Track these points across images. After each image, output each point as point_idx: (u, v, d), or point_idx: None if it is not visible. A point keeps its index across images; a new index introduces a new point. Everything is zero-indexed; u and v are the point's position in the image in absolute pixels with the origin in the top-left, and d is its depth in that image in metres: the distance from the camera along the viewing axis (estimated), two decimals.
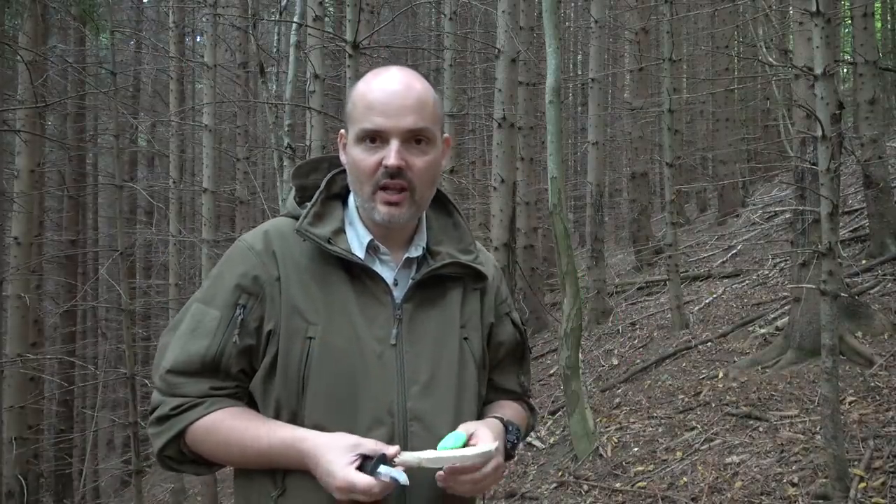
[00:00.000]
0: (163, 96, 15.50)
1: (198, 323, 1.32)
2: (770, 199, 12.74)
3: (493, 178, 8.42)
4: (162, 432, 1.30)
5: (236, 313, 1.30)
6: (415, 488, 1.23)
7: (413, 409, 1.29)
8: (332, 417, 1.26)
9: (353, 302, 1.31)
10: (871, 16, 7.21)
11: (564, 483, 5.17)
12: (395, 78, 1.33)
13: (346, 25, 4.67)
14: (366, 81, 1.36)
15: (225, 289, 1.32)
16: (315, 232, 1.31)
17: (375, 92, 1.32)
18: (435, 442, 1.26)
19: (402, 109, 1.30)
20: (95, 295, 14.42)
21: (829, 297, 3.55)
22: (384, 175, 1.30)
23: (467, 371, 1.37)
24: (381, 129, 1.29)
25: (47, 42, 10.14)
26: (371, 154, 1.31)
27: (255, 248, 1.34)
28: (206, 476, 8.37)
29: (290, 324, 1.29)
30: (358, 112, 1.32)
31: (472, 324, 1.40)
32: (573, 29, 19.86)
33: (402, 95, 1.31)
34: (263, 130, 13.66)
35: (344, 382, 1.27)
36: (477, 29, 14.01)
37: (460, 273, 1.40)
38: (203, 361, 1.29)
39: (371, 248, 1.35)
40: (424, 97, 1.33)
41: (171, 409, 1.30)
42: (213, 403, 1.30)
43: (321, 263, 1.33)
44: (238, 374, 1.32)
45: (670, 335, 7.81)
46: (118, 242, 7.77)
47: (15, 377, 7.58)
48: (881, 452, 3.96)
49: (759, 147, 14.84)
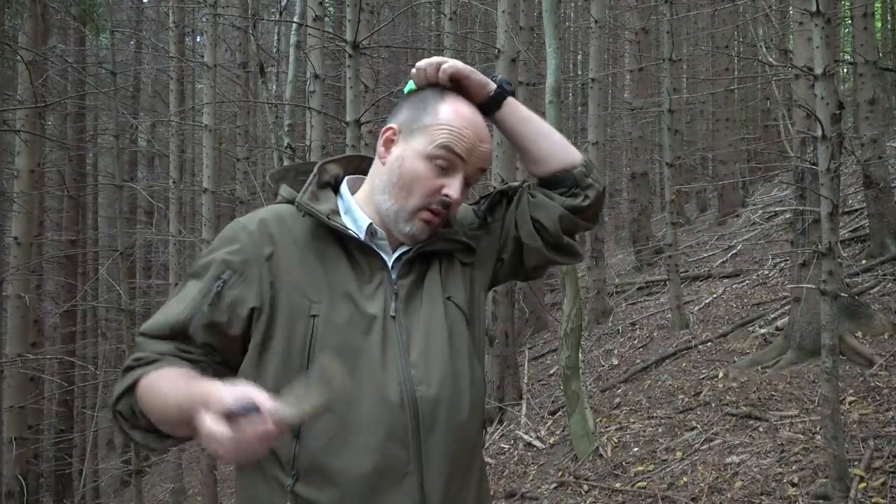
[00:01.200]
0: (163, 96, 15.50)
1: (183, 293, 1.35)
2: (770, 199, 12.74)
3: (493, 178, 8.42)
4: (120, 383, 1.32)
5: (214, 286, 1.31)
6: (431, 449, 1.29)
7: (416, 374, 1.32)
8: None
9: (351, 279, 1.34)
10: (871, 16, 7.21)
11: (564, 483, 5.17)
12: (479, 121, 1.41)
13: (346, 25, 4.67)
14: (454, 103, 1.40)
15: (212, 262, 1.34)
16: (315, 207, 1.35)
17: (468, 127, 1.38)
18: (441, 400, 1.32)
19: (480, 154, 1.39)
20: (95, 295, 14.42)
21: (829, 297, 3.55)
22: (439, 203, 1.36)
23: (457, 329, 1.41)
24: (462, 159, 1.37)
25: (47, 42, 10.14)
26: (437, 176, 1.36)
27: (249, 227, 1.36)
28: (207, 476, 8.37)
29: (292, 302, 1.30)
30: (442, 130, 1.37)
31: (451, 281, 1.45)
32: (573, 29, 19.85)
33: (484, 141, 1.40)
34: (263, 130, 13.66)
35: (349, 358, 1.28)
36: (477, 29, 14.00)
37: (450, 248, 1.45)
38: (172, 326, 1.32)
39: (369, 233, 1.39)
40: (491, 148, 1.43)
41: (133, 359, 1.32)
42: (171, 361, 1.30)
43: (319, 241, 1.36)
44: (203, 345, 1.32)
45: (670, 335, 7.81)
46: (118, 242, 7.79)
47: (15, 377, 7.57)
48: (881, 452, 3.96)
49: (759, 147, 14.84)
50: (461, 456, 1.35)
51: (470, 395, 1.37)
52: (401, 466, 1.28)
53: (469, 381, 1.38)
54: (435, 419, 1.31)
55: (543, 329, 10.96)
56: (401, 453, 1.28)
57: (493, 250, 1.51)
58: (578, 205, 1.47)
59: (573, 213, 1.47)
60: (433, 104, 1.40)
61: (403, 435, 1.28)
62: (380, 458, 1.26)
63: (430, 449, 1.30)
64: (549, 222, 1.47)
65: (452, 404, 1.34)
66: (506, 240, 1.51)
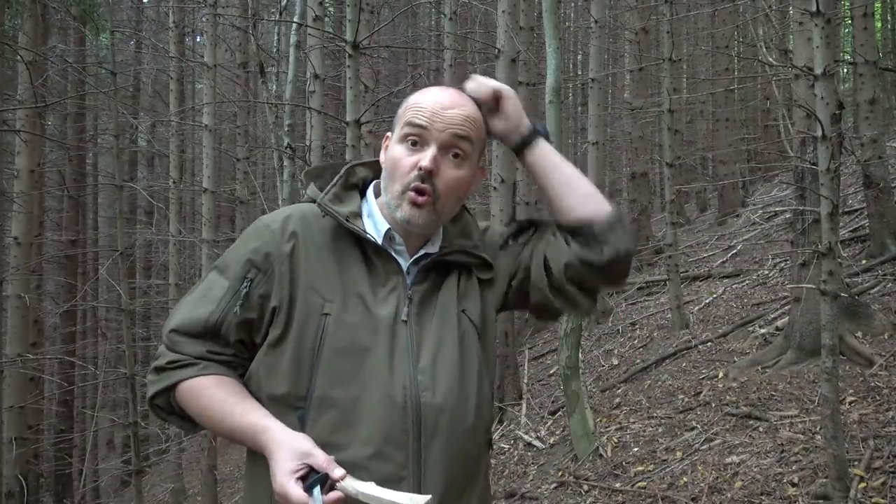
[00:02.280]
0: (163, 96, 15.50)
1: (209, 289, 1.39)
2: (770, 199, 12.74)
3: (493, 178, 8.42)
4: (156, 381, 1.38)
5: (242, 286, 1.36)
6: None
7: (422, 380, 1.33)
8: (341, 392, 1.29)
9: (365, 281, 1.37)
10: (871, 16, 7.21)
11: (564, 483, 5.17)
12: (447, 91, 1.42)
13: (346, 25, 4.67)
14: (421, 91, 1.44)
15: (237, 261, 1.38)
16: (335, 208, 1.37)
17: (428, 99, 1.40)
18: (445, 408, 1.32)
19: (448, 119, 1.37)
20: (95, 295, 14.42)
21: (829, 297, 3.54)
22: (417, 177, 1.36)
23: (468, 342, 1.41)
24: (425, 128, 1.36)
25: (47, 42, 10.14)
26: (410, 154, 1.37)
27: (272, 226, 1.39)
28: (207, 476, 8.38)
29: (307, 299, 1.33)
30: (407, 112, 1.40)
31: (470, 295, 1.45)
32: (573, 29, 19.84)
33: (450, 107, 1.39)
34: (263, 130, 13.65)
35: (357, 358, 1.31)
36: (477, 29, 14.01)
37: (468, 261, 1.45)
38: (205, 326, 1.36)
39: (387, 238, 1.40)
40: (470, 114, 1.41)
41: (168, 362, 1.37)
42: (206, 367, 1.36)
43: (338, 242, 1.39)
44: (236, 343, 1.38)
45: (670, 335, 7.81)
46: (118, 242, 7.78)
47: (15, 377, 7.58)
48: (881, 452, 3.96)
49: (759, 147, 14.84)
50: (462, 467, 1.35)
51: (476, 408, 1.37)
52: (397, 469, 1.28)
53: (476, 393, 1.38)
54: (437, 426, 1.32)
55: (543, 329, 10.95)
56: (398, 456, 1.29)
57: (506, 273, 1.50)
58: (590, 259, 1.42)
59: (583, 264, 1.43)
60: (407, 98, 1.44)
61: (402, 437, 1.29)
62: (376, 456, 1.27)
63: (430, 455, 1.30)
64: (556, 266, 1.44)
65: (456, 414, 1.34)
66: (518, 266, 1.50)
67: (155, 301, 13.72)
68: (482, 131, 1.43)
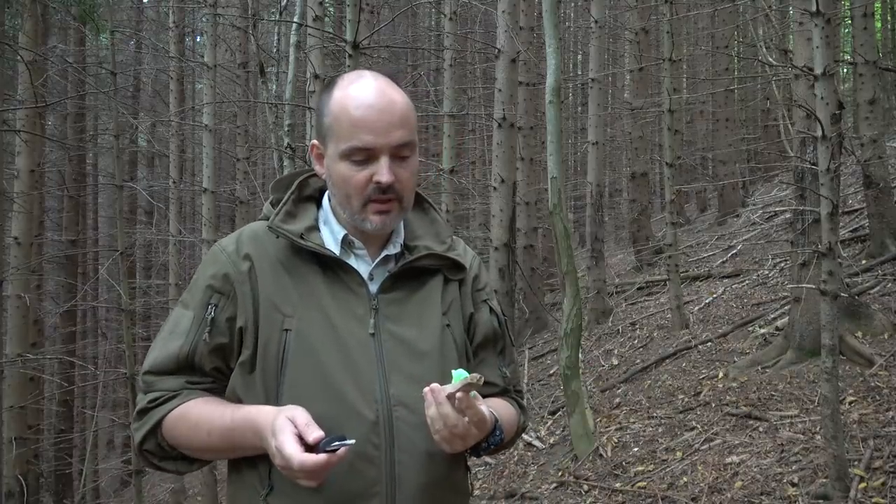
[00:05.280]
0: (163, 96, 15.50)
1: (175, 325, 1.37)
2: (770, 199, 12.74)
3: (493, 178, 8.42)
4: (141, 426, 1.35)
5: (207, 312, 1.34)
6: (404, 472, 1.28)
7: (396, 395, 1.31)
8: (310, 407, 1.25)
9: (326, 294, 1.34)
10: (871, 16, 7.21)
11: (564, 483, 5.17)
12: (375, 90, 1.33)
13: (346, 25, 4.67)
14: (343, 92, 1.34)
15: (199, 290, 1.37)
16: (287, 228, 1.35)
17: (359, 108, 1.31)
18: (421, 425, 1.27)
19: (389, 126, 1.31)
20: (95, 295, 14.42)
21: (829, 297, 3.54)
22: (376, 191, 1.32)
23: (448, 358, 1.38)
24: (372, 147, 1.30)
25: (47, 42, 10.15)
26: (359, 170, 1.32)
27: (227, 249, 1.38)
28: (207, 476, 8.37)
29: (268, 316, 1.32)
30: (343, 129, 1.32)
31: (453, 311, 1.43)
32: (573, 29, 19.85)
33: (387, 111, 1.31)
34: (263, 130, 13.64)
35: (321, 372, 1.29)
36: (477, 29, 14.01)
37: (438, 265, 1.43)
38: (177, 360, 1.34)
39: (345, 243, 1.38)
40: (406, 109, 1.34)
41: (149, 402, 1.35)
42: (188, 395, 1.34)
43: (295, 259, 1.36)
44: (212, 371, 1.36)
45: (670, 335, 7.81)
46: (118, 242, 7.77)
47: (15, 377, 7.57)
48: (881, 452, 3.96)
49: (759, 147, 14.85)
50: (438, 487, 1.33)
51: None
52: (369, 486, 1.27)
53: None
54: (412, 442, 1.29)
55: (543, 329, 10.95)
56: (371, 472, 1.27)
57: (467, 309, 1.47)
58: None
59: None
60: (326, 101, 1.37)
61: (374, 453, 1.27)
62: (348, 474, 1.25)
63: (404, 473, 1.28)
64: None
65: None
66: (469, 325, 1.47)
67: (155, 301, 13.70)
68: (414, 112, 1.37)
